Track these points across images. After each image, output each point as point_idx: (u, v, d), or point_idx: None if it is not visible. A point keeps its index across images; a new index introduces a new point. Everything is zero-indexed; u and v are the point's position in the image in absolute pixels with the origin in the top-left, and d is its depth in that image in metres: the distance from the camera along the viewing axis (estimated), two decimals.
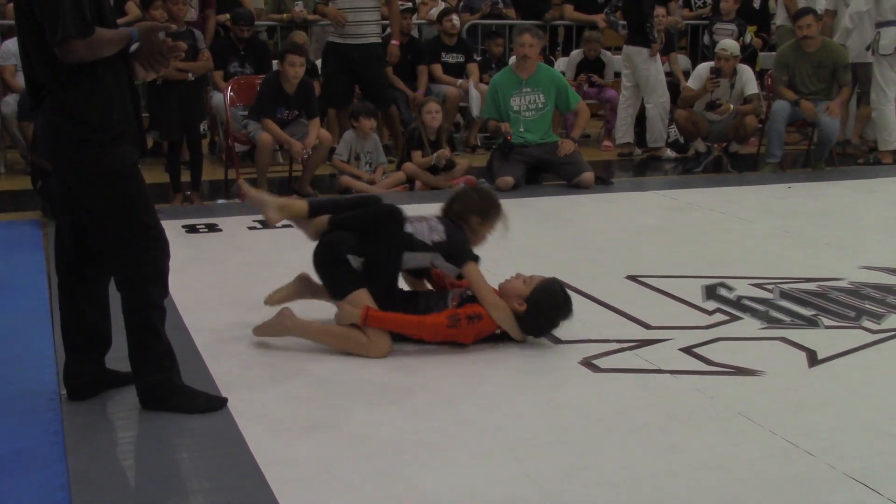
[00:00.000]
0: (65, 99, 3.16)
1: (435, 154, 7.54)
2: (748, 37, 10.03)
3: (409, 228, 4.14)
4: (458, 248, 4.17)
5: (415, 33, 9.82)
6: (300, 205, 4.31)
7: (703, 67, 8.86)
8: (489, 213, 4.36)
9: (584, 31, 10.29)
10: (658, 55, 9.29)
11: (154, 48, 3.31)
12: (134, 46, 3.28)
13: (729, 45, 8.69)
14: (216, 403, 3.45)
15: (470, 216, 4.33)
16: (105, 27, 3.19)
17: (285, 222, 4.35)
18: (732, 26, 10.04)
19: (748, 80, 8.72)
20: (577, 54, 10.22)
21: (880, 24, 8.96)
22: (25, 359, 3.84)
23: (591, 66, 10.10)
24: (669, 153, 9.44)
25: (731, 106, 8.64)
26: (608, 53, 10.23)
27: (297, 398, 3.60)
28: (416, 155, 7.60)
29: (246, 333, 4.16)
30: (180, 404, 3.39)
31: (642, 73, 9.26)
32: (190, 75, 7.08)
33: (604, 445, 3.25)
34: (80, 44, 3.08)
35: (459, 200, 4.39)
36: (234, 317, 4.34)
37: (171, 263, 3.41)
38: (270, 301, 4.24)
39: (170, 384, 3.40)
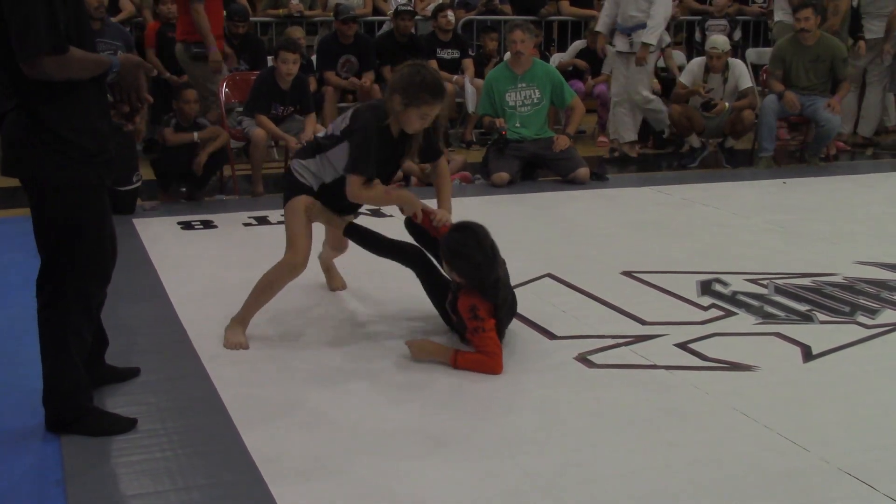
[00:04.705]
0: (39, 110, 2.98)
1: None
2: (738, 32, 10.03)
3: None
4: (351, 153, 3.92)
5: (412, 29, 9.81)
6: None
7: (696, 63, 8.87)
8: (412, 95, 3.81)
9: (590, 23, 10.27)
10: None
11: (134, 84, 3.18)
12: (111, 76, 3.14)
13: (719, 41, 8.68)
14: (124, 425, 3.28)
15: (393, 96, 3.87)
16: (83, 48, 3.01)
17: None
18: (724, 22, 10.04)
19: (741, 74, 8.72)
20: (580, 43, 10.24)
21: None
22: (21, 355, 3.83)
23: (593, 56, 10.10)
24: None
25: (727, 104, 8.63)
26: (609, 47, 10.21)
27: (293, 393, 3.61)
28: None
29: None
30: (86, 427, 3.23)
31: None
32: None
33: (599, 441, 3.25)
34: (50, 61, 2.87)
35: (394, 74, 3.95)
36: (229, 312, 4.33)
37: (167, 259, 3.41)
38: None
39: (79, 409, 3.25)
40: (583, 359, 3.95)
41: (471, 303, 3.82)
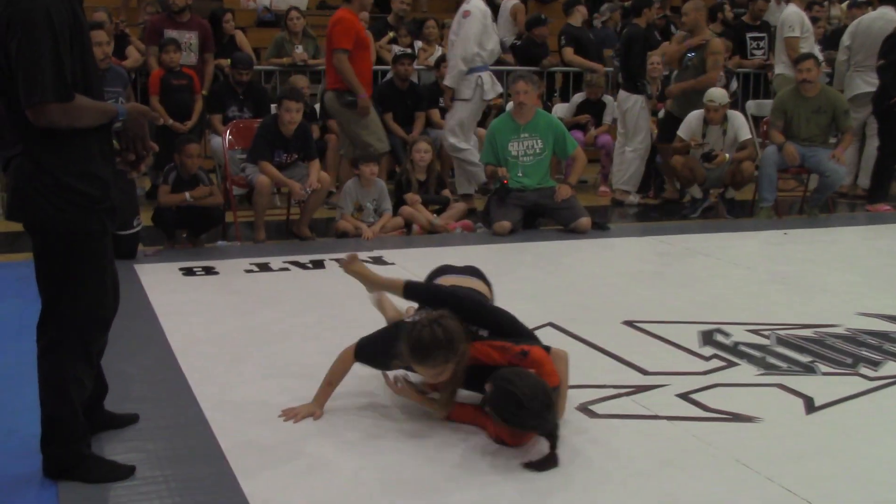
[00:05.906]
0: (42, 156, 3.00)
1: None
2: (734, 84, 10.09)
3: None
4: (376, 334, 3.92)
5: (414, 78, 9.89)
6: (398, 283, 4.00)
7: (695, 115, 8.91)
8: (403, 350, 3.60)
9: (585, 75, 10.37)
10: (645, 102, 9.35)
11: (139, 132, 3.18)
12: (117, 125, 3.15)
13: (716, 94, 8.72)
14: (122, 472, 3.26)
15: None
16: (89, 95, 3.04)
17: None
18: (721, 74, 10.11)
19: (740, 126, 8.75)
20: (579, 96, 10.32)
21: None
22: (20, 400, 3.81)
23: (593, 107, 10.17)
24: (633, 199, 9.42)
25: (727, 156, 8.66)
26: (609, 97, 10.29)
27: (293, 441, 3.59)
28: (410, 196, 7.64)
29: (239, 374, 4.15)
30: (84, 474, 3.21)
31: (629, 117, 9.34)
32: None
33: (600, 492, 3.23)
34: (55, 108, 2.90)
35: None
36: (229, 359, 4.32)
37: (168, 305, 3.40)
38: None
39: (77, 456, 3.23)
40: (584, 409, 3.93)
41: (499, 435, 3.59)
